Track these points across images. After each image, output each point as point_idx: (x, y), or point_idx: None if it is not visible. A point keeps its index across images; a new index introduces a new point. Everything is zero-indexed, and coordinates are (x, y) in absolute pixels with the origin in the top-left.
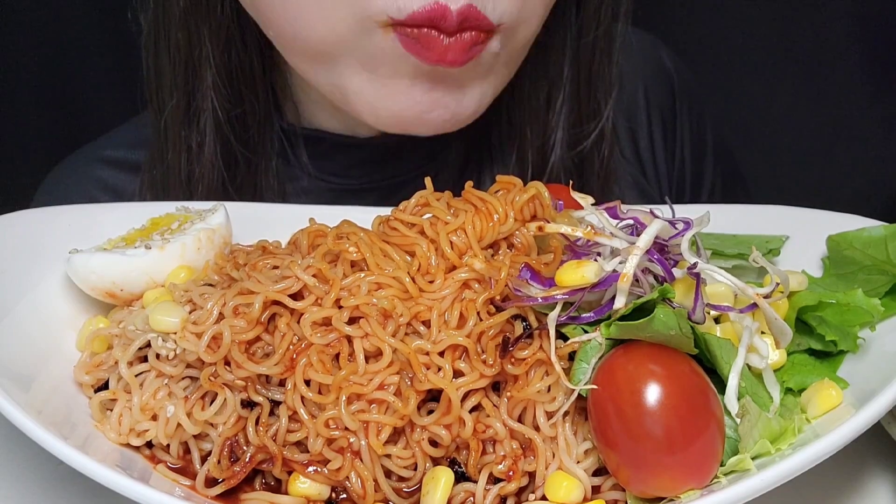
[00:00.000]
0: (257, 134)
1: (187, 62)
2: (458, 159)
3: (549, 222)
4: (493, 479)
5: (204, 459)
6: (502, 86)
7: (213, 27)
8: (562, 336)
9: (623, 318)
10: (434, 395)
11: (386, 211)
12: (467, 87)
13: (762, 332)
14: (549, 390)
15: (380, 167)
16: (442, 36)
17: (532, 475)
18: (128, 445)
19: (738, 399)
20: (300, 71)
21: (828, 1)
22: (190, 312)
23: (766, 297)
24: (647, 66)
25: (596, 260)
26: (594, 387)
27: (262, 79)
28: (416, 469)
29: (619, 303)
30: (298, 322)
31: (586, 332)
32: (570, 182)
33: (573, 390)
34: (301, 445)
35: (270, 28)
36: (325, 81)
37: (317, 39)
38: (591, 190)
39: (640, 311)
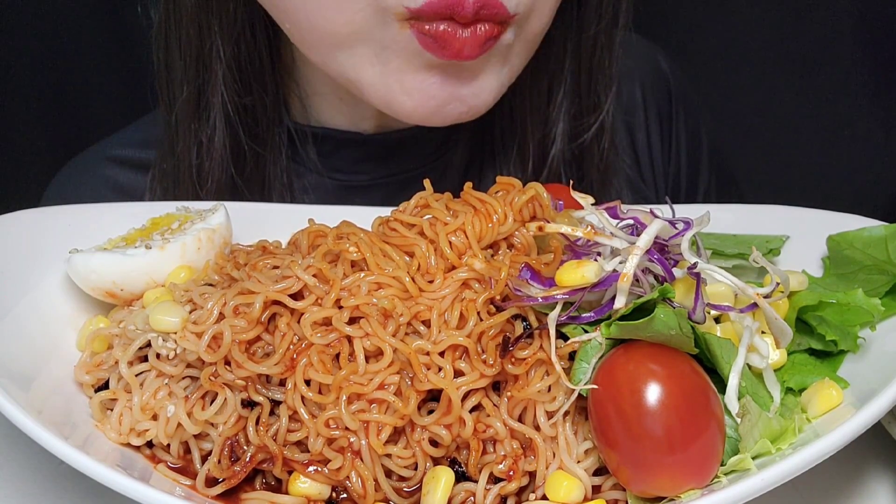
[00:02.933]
0: (266, 128)
1: (198, 56)
2: (462, 153)
3: (549, 222)
4: (494, 479)
5: (204, 459)
6: (515, 76)
7: (224, 21)
8: (562, 336)
9: (623, 317)
10: (434, 395)
11: (386, 211)
12: (482, 78)
13: (762, 332)
14: (549, 390)
15: (385, 163)
16: (458, 31)
17: (532, 475)
18: (128, 445)
19: (739, 399)
20: (315, 62)
21: (828, 1)
22: (190, 312)
23: (766, 296)
24: (645, 68)
25: (596, 260)
26: (594, 387)
27: (271, 73)
28: (416, 469)
29: (620, 302)
30: (299, 322)
31: (587, 331)
32: (571, 182)
33: (573, 390)
34: (301, 445)
35: (286, 20)
36: (339, 74)
37: (332, 30)
38: (590, 183)
39: (641, 310)
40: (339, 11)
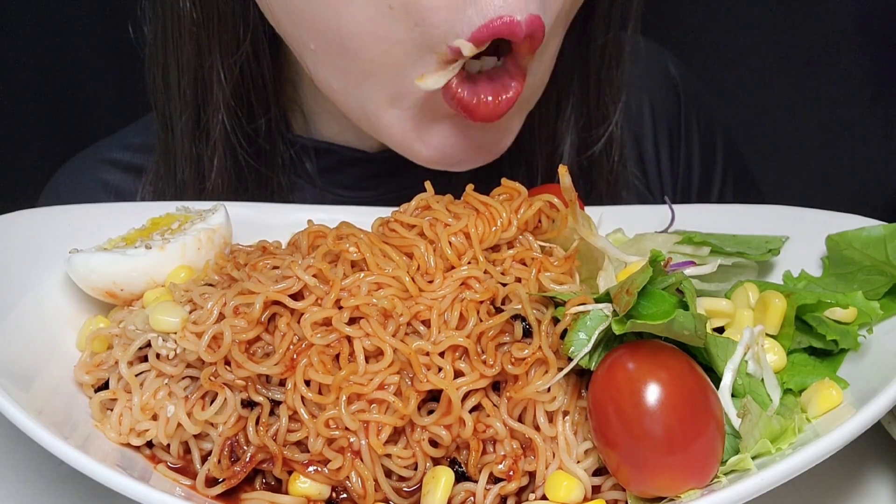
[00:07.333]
0: (268, 146)
1: (196, 76)
2: (468, 172)
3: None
4: (494, 479)
5: (204, 459)
6: (534, 103)
7: (225, 42)
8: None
9: (638, 314)
10: (434, 395)
11: (386, 212)
12: (506, 124)
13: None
14: (549, 390)
15: (390, 180)
16: (483, 97)
17: (532, 475)
18: (128, 445)
19: (739, 398)
20: (333, 89)
21: (829, 2)
22: (190, 312)
23: None
24: (653, 74)
25: None
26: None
27: (273, 92)
28: (416, 469)
29: None
30: (299, 322)
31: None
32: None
33: (572, 366)
34: (301, 445)
35: (312, 41)
36: (357, 106)
37: (367, 59)
38: (599, 196)
39: (648, 298)
40: (376, 41)
